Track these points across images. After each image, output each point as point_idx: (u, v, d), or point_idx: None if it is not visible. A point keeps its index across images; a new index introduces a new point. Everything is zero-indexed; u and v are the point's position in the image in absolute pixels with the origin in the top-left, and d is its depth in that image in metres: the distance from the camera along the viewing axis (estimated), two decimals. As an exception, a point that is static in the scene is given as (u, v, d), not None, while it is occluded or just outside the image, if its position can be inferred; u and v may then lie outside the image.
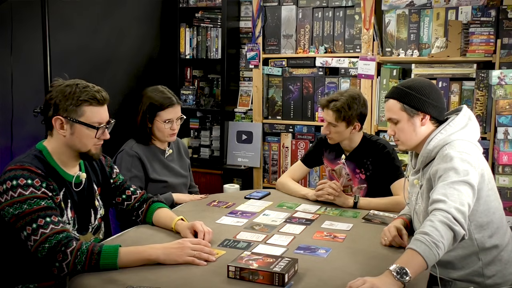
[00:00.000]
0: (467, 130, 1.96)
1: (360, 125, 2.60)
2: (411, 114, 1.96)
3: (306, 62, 4.04)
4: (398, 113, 1.98)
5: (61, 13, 3.15)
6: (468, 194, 1.77)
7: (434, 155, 1.94)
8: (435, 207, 1.73)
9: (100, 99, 1.85)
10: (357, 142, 2.64)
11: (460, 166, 1.81)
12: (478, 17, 3.51)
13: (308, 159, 2.85)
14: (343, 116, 2.54)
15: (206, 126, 4.40)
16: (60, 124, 1.82)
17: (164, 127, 2.58)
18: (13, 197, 1.71)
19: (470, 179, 1.79)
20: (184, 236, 1.95)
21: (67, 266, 1.66)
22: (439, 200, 1.74)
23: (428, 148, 1.95)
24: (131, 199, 2.15)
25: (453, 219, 1.67)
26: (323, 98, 2.65)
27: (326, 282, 1.63)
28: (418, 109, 1.96)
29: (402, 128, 1.99)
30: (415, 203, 2.05)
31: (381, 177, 2.57)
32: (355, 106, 2.55)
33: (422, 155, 1.98)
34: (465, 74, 3.56)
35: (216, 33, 4.24)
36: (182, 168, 2.77)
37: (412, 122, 1.97)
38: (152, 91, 2.62)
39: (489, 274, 1.93)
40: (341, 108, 2.53)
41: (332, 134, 2.60)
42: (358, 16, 3.86)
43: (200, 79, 4.45)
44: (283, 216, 2.31)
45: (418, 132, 1.98)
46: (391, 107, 2.01)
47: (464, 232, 1.69)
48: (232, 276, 1.63)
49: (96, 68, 3.49)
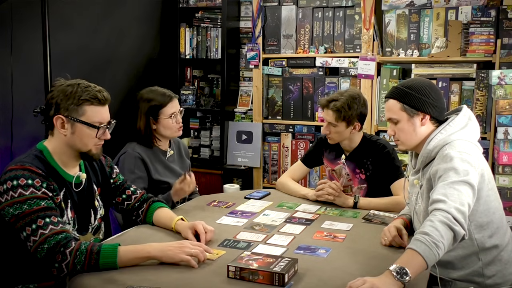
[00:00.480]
0: (467, 130, 1.96)
1: (360, 125, 2.60)
2: (411, 114, 1.96)
3: (306, 62, 4.04)
4: (398, 113, 1.98)
5: (61, 13, 3.15)
6: (468, 194, 1.77)
7: (434, 155, 1.94)
8: (435, 207, 1.73)
9: (102, 99, 1.85)
10: (357, 142, 2.64)
11: (460, 166, 1.81)
12: (478, 17, 3.51)
13: (308, 159, 2.85)
14: (343, 116, 2.53)
15: (206, 126, 4.40)
16: (61, 123, 1.83)
17: (171, 122, 2.59)
18: (13, 197, 1.71)
19: (470, 179, 1.79)
20: (184, 236, 1.96)
21: (67, 266, 1.66)
22: (439, 200, 1.74)
23: (428, 148, 1.95)
24: (131, 199, 2.15)
25: (453, 219, 1.67)
26: (323, 98, 2.65)
27: (326, 282, 1.63)
28: (418, 109, 1.96)
29: (402, 128, 1.99)
30: (415, 203, 2.05)
31: (381, 177, 2.57)
32: (355, 106, 2.55)
33: (422, 155, 1.98)
34: (465, 74, 3.56)
35: (216, 33, 4.24)
36: (183, 169, 2.77)
37: (412, 122, 1.97)
38: (147, 93, 2.62)
39: (489, 274, 1.93)
40: (341, 108, 2.53)
41: (332, 134, 2.60)
42: (358, 16, 3.86)
43: (200, 79, 4.45)
44: (283, 216, 2.31)
45: (418, 132, 1.98)
46: (391, 107, 2.01)
47: (464, 232, 1.69)
48: (232, 276, 1.63)
49: (96, 68, 3.50)
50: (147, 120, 2.59)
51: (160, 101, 2.59)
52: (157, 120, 2.59)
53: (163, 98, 2.60)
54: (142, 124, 2.59)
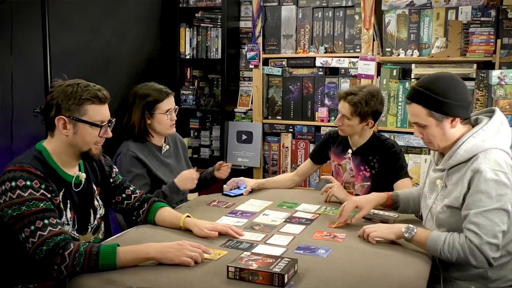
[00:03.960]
0: (500, 136, 1.89)
1: (373, 122, 2.60)
2: (439, 119, 1.87)
3: (306, 62, 4.04)
4: (425, 119, 1.89)
5: (61, 13, 3.15)
6: (503, 221, 1.77)
7: (464, 159, 1.87)
8: (467, 235, 1.77)
9: (102, 97, 1.86)
10: (366, 138, 2.64)
11: (494, 191, 1.77)
12: (478, 17, 3.51)
13: (316, 155, 2.86)
14: (359, 111, 2.53)
15: (206, 126, 4.40)
16: (63, 124, 1.82)
17: (166, 118, 2.59)
18: (11, 198, 1.71)
19: (504, 205, 1.77)
20: (198, 232, 1.98)
21: (66, 268, 1.66)
22: (471, 230, 1.77)
23: (459, 152, 1.88)
24: (130, 198, 2.15)
25: (479, 255, 1.75)
26: (342, 90, 2.65)
27: (326, 282, 1.63)
28: (447, 114, 1.87)
29: (431, 133, 1.91)
30: (432, 202, 2.02)
31: (386, 176, 2.57)
32: (372, 103, 2.54)
33: (451, 157, 1.91)
34: (465, 74, 3.55)
35: (216, 33, 4.24)
36: (179, 164, 2.76)
37: (441, 126, 1.89)
38: (143, 88, 2.62)
39: (494, 277, 1.90)
40: (358, 103, 2.52)
41: (345, 126, 2.60)
42: (358, 16, 3.86)
43: (200, 79, 4.45)
44: (283, 216, 2.31)
45: (448, 134, 1.90)
46: (417, 113, 1.90)
47: (487, 267, 1.79)
48: (231, 277, 1.63)
49: (96, 68, 3.49)
50: (142, 115, 2.58)
51: (156, 96, 2.59)
52: (152, 115, 2.59)
53: (160, 94, 2.60)
54: (136, 118, 2.58)
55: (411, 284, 1.64)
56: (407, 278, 1.68)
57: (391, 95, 3.76)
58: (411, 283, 1.65)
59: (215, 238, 1.97)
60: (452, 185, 1.90)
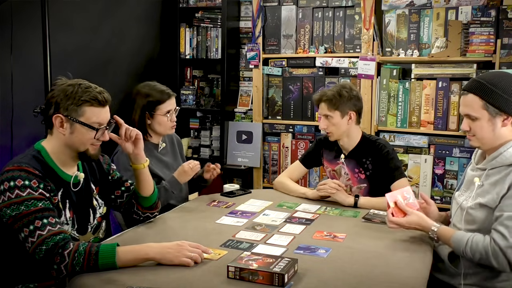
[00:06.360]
0: None
1: (356, 115, 2.60)
2: (493, 114, 1.84)
3: (306, 62, 4.04)
4: (479, 111, 1.85)
5: (61, 13, 3.15)
6: None
7: (509, 163, 1.84)
8: (494, 236, 1.77)
9: (102, 100, 1.85)
10: (356, 140, 2.64)
11: None
12: (478, 17, 3.51)
13: (307, 159, 2.85)
14: (335, 104, 2.56)
15: (206, 126, 4.40)
16: (60, 123, 1.82)
17: (166, 119, 2.59)
18: (10, 198, 1.71)
19: None
20: None
21: (65, 268, 1.66)
22: (500, 231, 1.76)
23: (505, 155, 1.85)
24: (129, 190, 2.15)
25: (503, 257, 1.74)
26: (315, 95, 2.68)
27: (326, 282, 1.63)
28: (503, 110, 1.83)
29: (480, 127, 1.86)
30: (464, 197, 1.98)
31: (381, 176, 2.57)
32: (345, 93, 2.57)
33: (495, 158, 1.88)
34: (465, 74, 3.55)
35: (216, 33, 4.24)
36: (176, 161, 2.77)
37: (493, 122, 1.85)
38: (145, 88, 2.62)
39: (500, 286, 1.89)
40: (332, 97, 2.57)
41: (330, 128, 2.60)
42: (358, 16, 3.86)
43: (200, 79, 4.45)
44: (283, 216, 2.31)
45: (497, 133, 1.86)
46: (471, 103, 1.86)
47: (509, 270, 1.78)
48: (232, 277, 1.63)
49: (96, 68, 3.50)
50: (142, 114, 2.58)
51: (158, 97, 2.59)
52: (152, 115, 2.59)
53: (161, 95, 2.60)
54: (136, 117, 2.58)
55: (411, 284, 1.64)
56: (407, 278, 1.68)
57: (391, 95, 3.75)
58: (411, 283, 1.65)
59: (215, 238, 1.96)
60: (490, 185, 1.87)
